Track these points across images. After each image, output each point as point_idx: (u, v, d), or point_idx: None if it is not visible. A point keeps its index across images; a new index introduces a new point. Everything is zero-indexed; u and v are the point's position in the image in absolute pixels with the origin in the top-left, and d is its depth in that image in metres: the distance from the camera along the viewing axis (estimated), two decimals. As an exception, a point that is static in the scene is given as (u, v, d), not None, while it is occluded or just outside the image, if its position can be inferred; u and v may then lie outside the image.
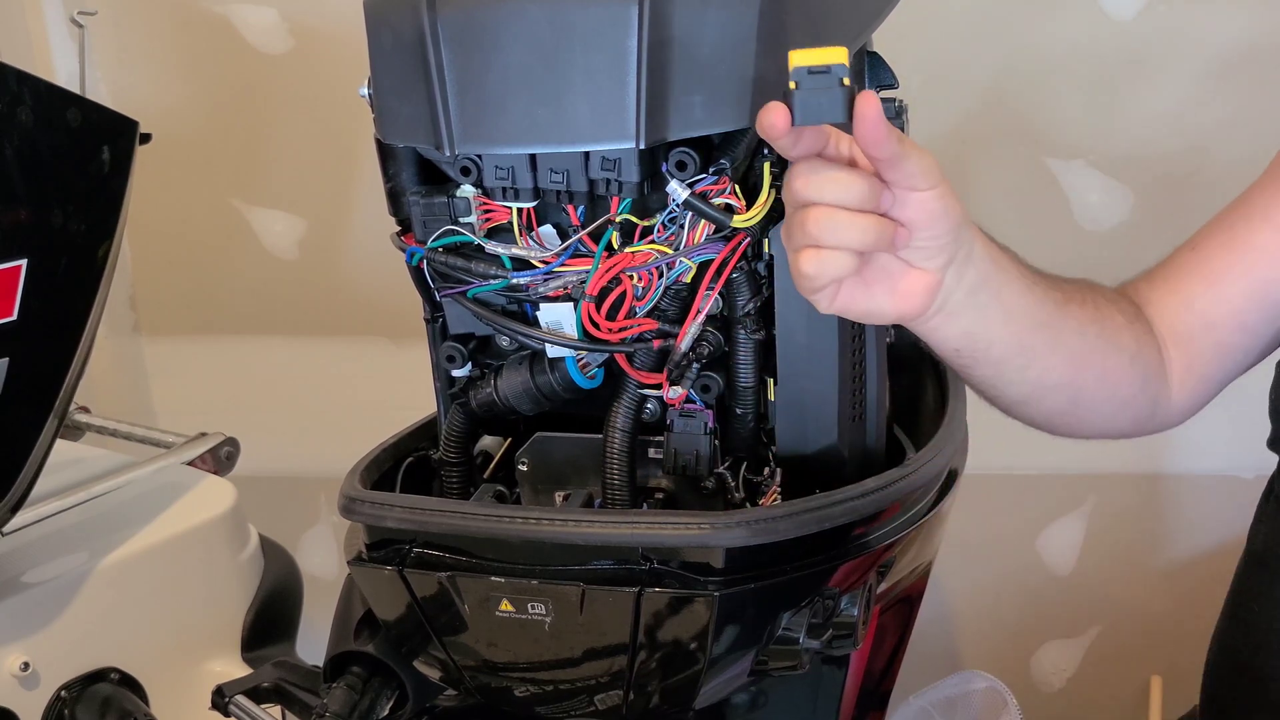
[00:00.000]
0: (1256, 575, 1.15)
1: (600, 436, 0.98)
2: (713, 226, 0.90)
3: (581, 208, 0.91)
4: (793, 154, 0.77)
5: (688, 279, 0.94)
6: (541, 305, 0.96)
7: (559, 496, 1.04)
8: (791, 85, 0.73)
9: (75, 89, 1.36)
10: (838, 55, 0.73)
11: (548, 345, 0.98)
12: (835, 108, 0.73)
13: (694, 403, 0.97)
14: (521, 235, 0.93)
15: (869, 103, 0.73)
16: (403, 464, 1.08)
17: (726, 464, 0.99)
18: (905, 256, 0.80)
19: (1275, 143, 1.06)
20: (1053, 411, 0.98)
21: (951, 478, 1.11)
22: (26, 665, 1.34)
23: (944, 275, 0.81)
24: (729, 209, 0.88)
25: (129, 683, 1.45)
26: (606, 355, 0.97)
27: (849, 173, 0.76)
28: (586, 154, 0.87)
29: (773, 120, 0.74)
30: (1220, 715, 1.22)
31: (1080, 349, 0.94)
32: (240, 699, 1.22)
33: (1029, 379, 0.93)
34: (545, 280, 0.94)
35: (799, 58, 0.73)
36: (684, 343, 0.95)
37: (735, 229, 0.89)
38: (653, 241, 0.91)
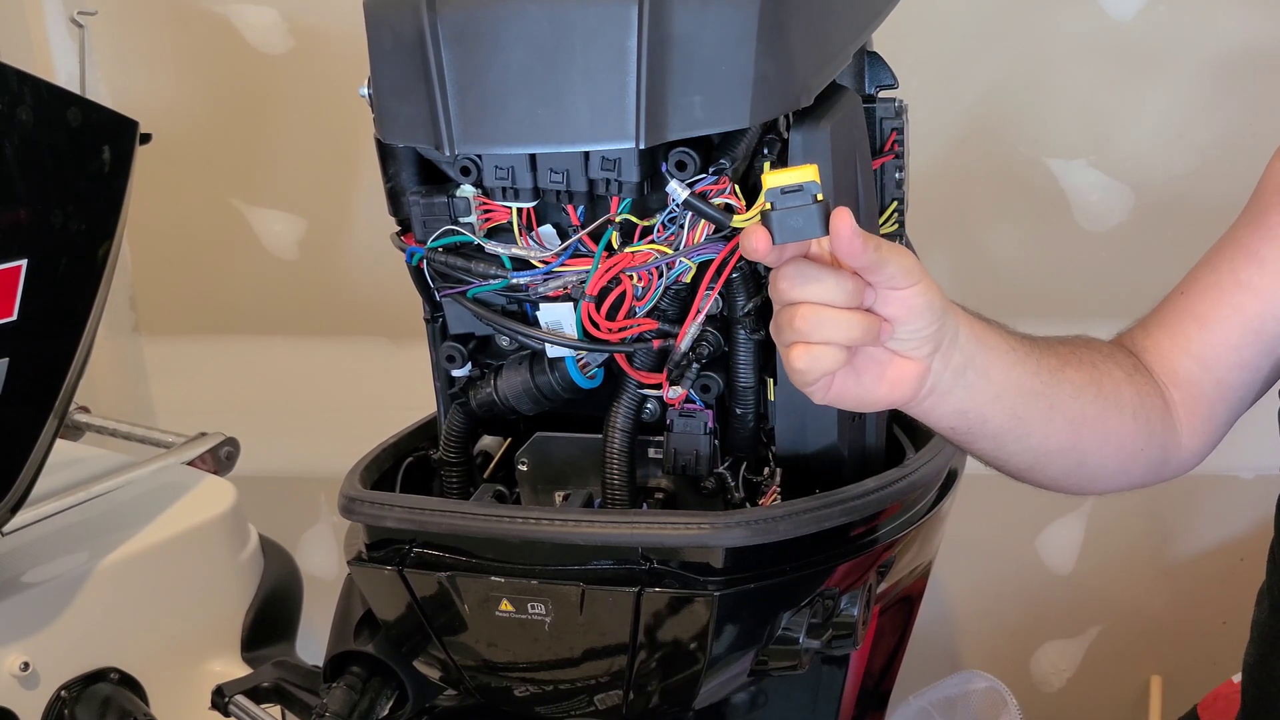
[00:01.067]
0: None
1: (600, 436, 0.98)
2: (712, 226, 0.90)
3: (581, 208, 0.91)
4: (779, 265, 0.80)
5: (687, 279, 0.93)
6: (541, 305, 0.96)
7: (559, 496, 1.04)
8: (767, 206, 0.76)
9: (75, 89, 1.36)
10: (809, 173, 0.76)
11: (548, 345, 0.98)
12: (812, 224, 0.76)
13: (694, 403, 0.97)
14: (521, 235, 0.93)
15: (842, 220, 0.76)
16: (403, 464, 1.08)
17: (726, 464, 0.99)
18: (892, 346, 0.83)
19: (1276, 143, 1.06)
20: (1059, 474, 1.00)
21: (951, 478, 1.11)
22: (26, 665, 1.34)
23: (931, 362, 0.84)
24: (729, 209, 0.88)
25: (129, 683, 1.45)
26: (606, 355, 0.97)
27: (831, 273, 0.79)
28: (586, 154, 0.87)
29: (754, 245, 0.77)
30: None
31: (1078, 412, 0.96)
32: (240, 699, 1.22)
33: (1030, 447, 0.95)
34: (545, 280, 0.94)
35: (772, 179, 0.76)
36: (684, 343, 0.95)
37: (735, 229, 0.88)
38: (652, 241, 0.91)
